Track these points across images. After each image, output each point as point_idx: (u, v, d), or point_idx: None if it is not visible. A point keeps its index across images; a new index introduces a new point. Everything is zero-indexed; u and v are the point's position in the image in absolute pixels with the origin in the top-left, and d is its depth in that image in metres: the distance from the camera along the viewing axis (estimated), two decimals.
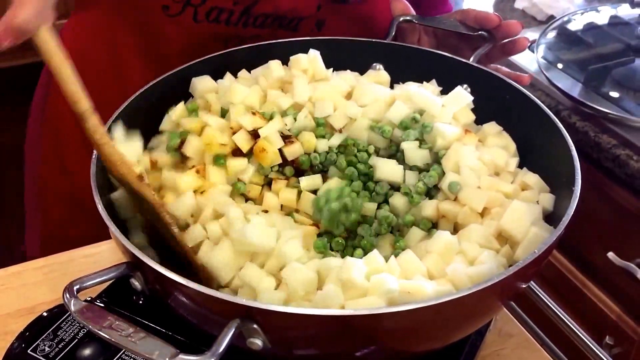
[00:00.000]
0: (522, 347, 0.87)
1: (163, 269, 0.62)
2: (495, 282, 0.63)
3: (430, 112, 0.86)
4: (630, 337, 1.50)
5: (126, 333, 0.57)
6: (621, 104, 1.50)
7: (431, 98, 0.87)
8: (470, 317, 0.71)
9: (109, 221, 0.67)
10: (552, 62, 1.65)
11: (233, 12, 1.03)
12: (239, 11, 1.03)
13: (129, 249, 0.64)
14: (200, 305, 0.64)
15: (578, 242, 1.58)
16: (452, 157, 0.82)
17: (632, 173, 1.39)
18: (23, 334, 0.80)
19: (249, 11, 1.03)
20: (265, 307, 0.59)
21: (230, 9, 1.02)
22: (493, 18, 1.01)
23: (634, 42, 1.68)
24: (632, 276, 1.44)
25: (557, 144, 0.82)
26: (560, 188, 0.80)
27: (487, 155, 0.83)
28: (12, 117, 3.24)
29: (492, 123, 0.89)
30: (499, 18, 1.01)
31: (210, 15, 1.02)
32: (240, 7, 1.02)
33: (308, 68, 0.92)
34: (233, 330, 0.58)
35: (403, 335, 0.66)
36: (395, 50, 0.99)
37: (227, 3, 1.01)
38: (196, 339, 0.74)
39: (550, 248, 0.68)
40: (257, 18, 1.04)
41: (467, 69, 0.95)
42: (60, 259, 0.96)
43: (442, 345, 0.74)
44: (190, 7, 1.02)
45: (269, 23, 1.05)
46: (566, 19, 1.82)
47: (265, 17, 1.04)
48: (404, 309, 0.60)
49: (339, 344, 0.66)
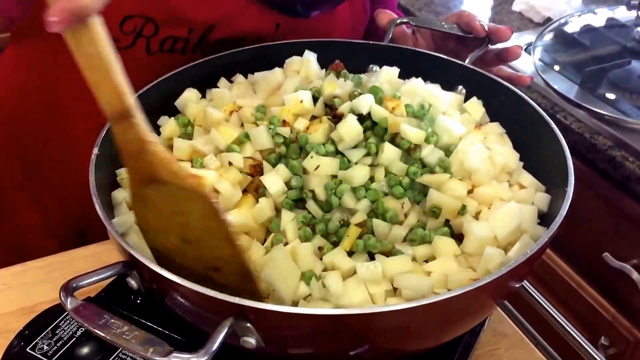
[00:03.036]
0: (516, 346, 0.88)
1: (159, 268, 0.63)
2: (487, 282, 0.63)
3: (437, 107, 0.87)
4: (626, 338, 1.51)
5: (121, 331, 0.58)
6: (617, 106, 1.50)
7: (437, 92, 0.88)
8: (464, 316, 0.71)
9: (106, 221, 0.68)
10: (549, 64, 1.66)
11: (189, 41, 0.98)
12: (195, 39, 0.98)
13: (125, 248, 0.65)
14: (194, 304, 0.64)
15: (574, 243, 1.59)
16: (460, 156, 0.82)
17: (627, 174, 1.40)
18: (22, 332, 0.80)
19: (206, 37, 0.98)
20: (258, 306, 0.59)
21: (186, 38, 0.97)
22: (479, 29, 1.01)
23: (630, 44, 1.69)
24: (627, 277, 1.45)
25: (550, 145, 0.83)
26: (554, 189, 0.81)
27: (500, 157, 0.84)
28: None
29: (496, 124, 0.90)
30: (484, 29, 1.01)
31: (164, 45, 0.97)
32: (196, 34, 0.97)
33: (301, 70, 0.93)
34: (226, 329, 0.59)
35: (396, 334, 0.67)
36: (392, 52, 0.99)
37: (182, 32, 0.97)
38: (193, 337, 0.75)
39: (542, 248, 0.69)
40: (215, 44, 1.00)
41: (462, 70, 0.96)
42: (61, 259, 0.97)
43: (435, 344, 0.75)
44: (142, 39, 0.96)
45: (228, 47, 1.00)
46: (563, 21, 1.83)
47: (223, 42, 1.00)
48: (397, 308, 0.60)
49: (333, 343, 0.66)
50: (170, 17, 0.95)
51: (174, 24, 0.96)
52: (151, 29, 0.95)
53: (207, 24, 0.97)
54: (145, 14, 0.94)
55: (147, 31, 0.96)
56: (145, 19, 0.94)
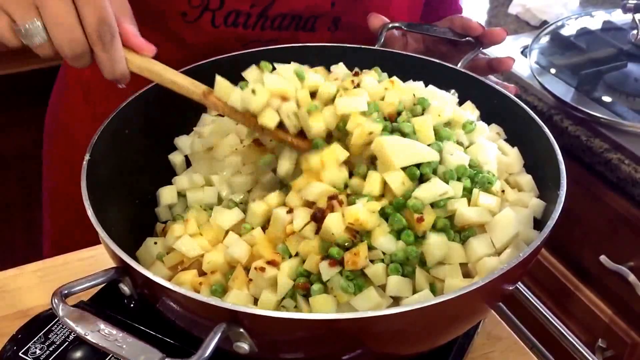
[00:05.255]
0: (511, 350, 0.88)
1: (151, 275, 0.63)
2: (480, 286, 0.63)
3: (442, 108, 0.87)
4: (623, 340, 1.51)
5: (113, 337, 0.57)
6: (613, 109, 1.51)
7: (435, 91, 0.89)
8: (457, 320, 0.72)
9: (98, 226, 0.68)
10: (545, 67, 1.67)
11: (250, 15, 1.03)
12: (256, 14, 1.03)
13: (117, 254, 0.65)
14: (187, 310, 0.64)
15: (571, 246, 1.59)
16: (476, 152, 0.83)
17: (623, 177, 1.40)
18: (15, 336, 0.80)
19: (266, 13, 1.04)
20: (251, 312, 0.60)
21: (248, 12, 1.03)
22: (476, 26, 1.02)
23: (627, 47, 1.69)
24: (624, 279, 1.45)
25: (543, 149, 0.83)
26: (547, 192, 0.81)
27: (505, 158, 0.85)
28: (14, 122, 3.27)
29: (493, 125, 0.91)
30: (482, 27, 1.02)
31: (228, 19, 1.03)
32: (257, 9, 1.03)
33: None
34: (219, 335, 0.59)
35: (389, 338, 0.67)
36: (384, 56, 0.99)
37: (244, 6, 1.02)
38: (189, 342, 0.75)
39: (535, 251, 0.69)
40: (274, 20, 1.05)
41: (455, 74, 0.96)
42: (55, 263, 0.97)
43: (428, 348, 0.75)
44: (208, 12, 1.02)
45: (286, 25, 1.06)
46: (560, 24, 1.83)
47: (283, 18, 1.05)
48: (389, 312, 0.60)
49: (326, 348, 0.67)
50: None
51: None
52: (216, 3, 1.02)
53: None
54: None
55: (213, 4, 1.02)
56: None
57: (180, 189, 0.88)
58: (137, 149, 0.89)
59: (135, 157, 0.88)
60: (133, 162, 0.88)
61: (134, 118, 0.88)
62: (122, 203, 0.84)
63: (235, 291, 0.72)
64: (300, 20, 1.06)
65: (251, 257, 0.77)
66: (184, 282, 0.75)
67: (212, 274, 0.76)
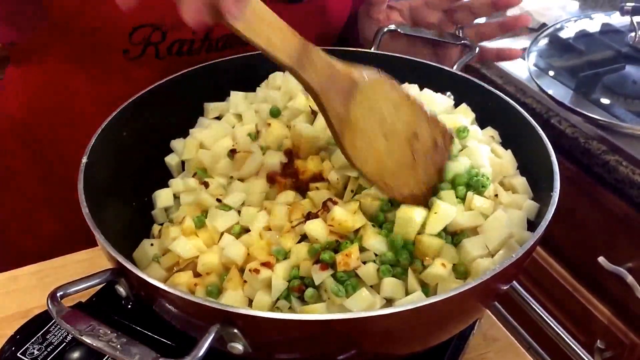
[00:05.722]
0: (507, 350, 0.88)
1: (146, 276, 0.64)
2: (473, 286, 0.63)
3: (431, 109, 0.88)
4: (622, 341, 1.51)
5: (107, 338, 0.58)
6: (611, 111, 1.51)
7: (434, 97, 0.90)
8: (452, 319, 0.72)
9: (94, 228, 0.69)
10: (544, 70, 1.67)
11: (194, 41, 1.02)
12: (199, 39, 1.02)
13: (113, 255, 0.66)
14: (181, 311, 0.65)
15: (569, 247, 1.59)
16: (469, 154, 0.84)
17: (621, 179, 1.40)
18: (14, 337, 0.81)
19: (210, 36, 1.02)
20: (244, 312, 0.60)
21: (191, 39, 1.01)
22: None
23: (625, 49, 1.70)
24: (622, 280, 1.46)
25: (537, 150, 0.83)
26: (541, 194, 0.82)
27: (499, 161, 0.85)
28: None
29: (488, 128, 0.91)
30: None
31: (173, 49, 1.01)
32: (200, 34, 1.01)
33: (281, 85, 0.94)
34: (213, 335, 0.59)
35: (384, 338, 0.67)
36: (380, 59, 1.00)
37: (187, 34, 1.00)
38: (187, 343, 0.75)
39: (528, 252, 0.69)
40: (218, 42, 1.04)
41: (451, 77, 0.97)
42: (54, 264, 0.98)
43: (423, 348, 0.75)
44: (151, 46, 1.00)
45: (231, 42, 1.04)
46: (559, 26, 1.83)
47: (227, 37, 1.03)
48: (383, 312, 0.61)
49: (320, 348, 0.67)
50: (176, 22, 0.96)
51: (178, 28, 0.98)
52: (159, 36, 0.99)
53: None
54: (152, 23, 0.97)
55: (155, 38, 0.99)
56: (153, 28, 0.98)
57: (176, 192, 0.89)
58: (134, 152, 0.89)
59: (133, 160, 0.89)
60: (130, 164, 0.88)
61: (132, 120, 0.89)
62: (119, 205, 0.84)
63: (230, 292, 0.73)
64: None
65: (247, 258, 0.78)
66: (179, 283, 0.76)
67: (207, 275, 0.76)
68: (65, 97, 1.09)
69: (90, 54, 1.03)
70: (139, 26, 0.97)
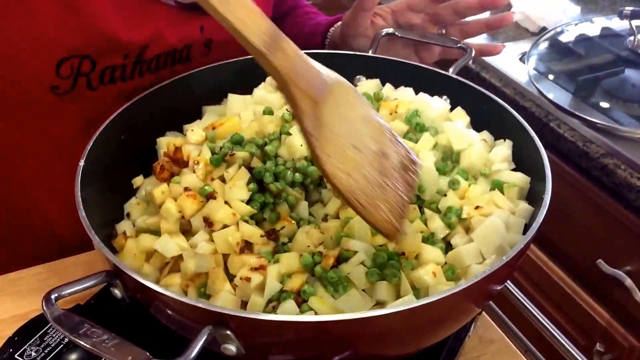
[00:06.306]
0: (503, 352, 0.88)
1: (141, 278, 0.64)
2: (465, 288, 0.64)
3: (426, 113, 0.90)
4: (621, 344, 1.51)
5: (101, 339, 0.59)
6: (610, 114, 1.51)
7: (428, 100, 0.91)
8: (446, 320, 0.72)
9: (90, 231, 0.69)
10: (543, 73, 1.67)
11: (126, 66, 0.97)
12: (131, 63, 0.98)
13: (108, 257, 0.66)
14: (175, 312, 0.65)
15: (568, 250, 1.59)
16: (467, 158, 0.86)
17: (620, 182, 1.40)
18: (12, 339, 0.82)
19: (142, 59, 0.98)
20: (236, 314, 0.61)
21: (122, 64, 0.97)
22: None
23: (624, 53, 1.70)
24: (620, 283, 1.46)
25: (531, 154, 0.83)
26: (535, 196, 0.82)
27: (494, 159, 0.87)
28: None
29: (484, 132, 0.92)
30: None
31: (104, 77, 0.96)
32: (131, 58, 0.97)
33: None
34: (205, 337, 0.60)
35: (377, 340, 0.67)
36: (377, 62, 1.00)
37: (118, 59, 0.96)
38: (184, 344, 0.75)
39: (519, 254, 0.69)
40: (150, 63, 1.00)
41: (446, 80, 0.97)
42: (55, 267, 0.98)
43: (417, 349, 0.75)
44: (82, 77, 0.94)
45: (163, 62, 1.01)
46: (559, 30, 1.83)
47: (158, 57, 1.00)
48: (377, 314, 0.61)
49: (313, 350, 0.67)
50: (104, 48, 0.94)
51: (109, 54, 0.95)
52: (88, 65, 0.94)
53: (140, 45, 0.97)
54: (79, 53, 0.93)
55: (84, 68, 0.94)
56: (81, 58, 0.93)
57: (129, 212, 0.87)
58: (132, 154, 0.90)
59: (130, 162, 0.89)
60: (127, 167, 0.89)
61: (130, 124, 0.90)
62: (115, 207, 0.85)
63: (223, 293, 0.73)
64: (175, 54, 1.02)
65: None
66: (171, 284, 0.76)
67: (197, 276, 0.76)
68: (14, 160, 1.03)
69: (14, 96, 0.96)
70: (67, 57, 0.92)
